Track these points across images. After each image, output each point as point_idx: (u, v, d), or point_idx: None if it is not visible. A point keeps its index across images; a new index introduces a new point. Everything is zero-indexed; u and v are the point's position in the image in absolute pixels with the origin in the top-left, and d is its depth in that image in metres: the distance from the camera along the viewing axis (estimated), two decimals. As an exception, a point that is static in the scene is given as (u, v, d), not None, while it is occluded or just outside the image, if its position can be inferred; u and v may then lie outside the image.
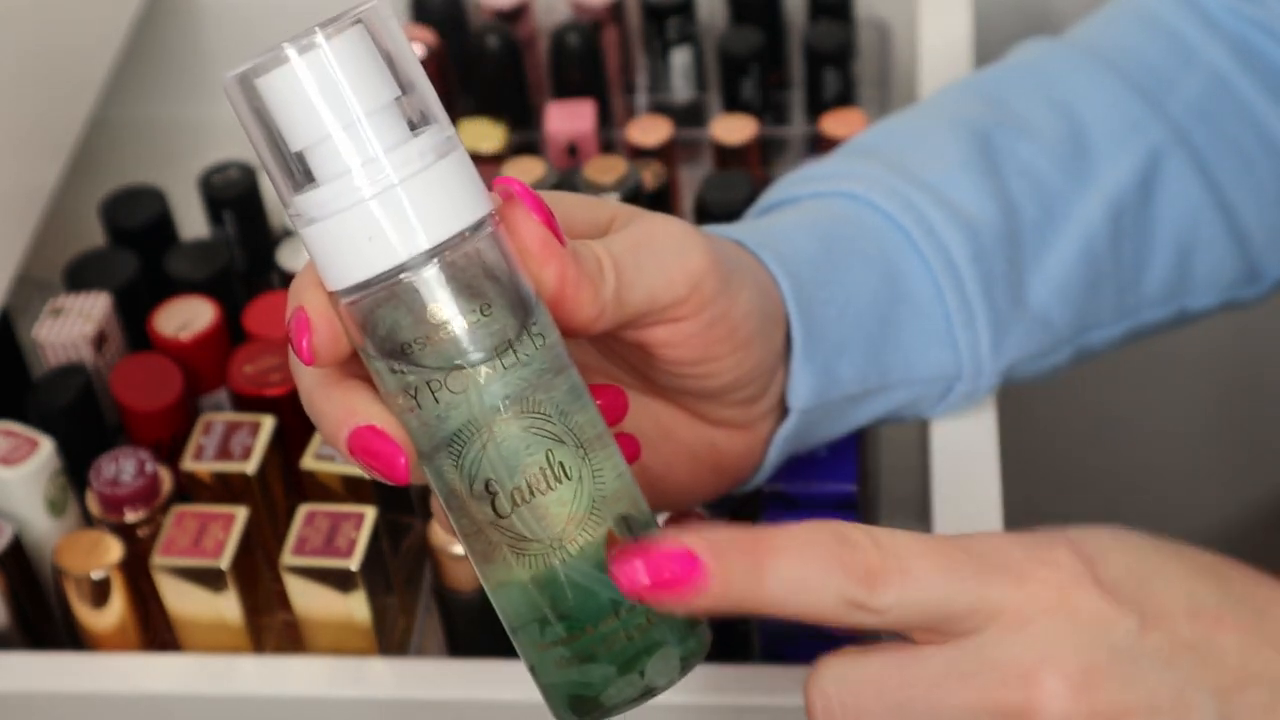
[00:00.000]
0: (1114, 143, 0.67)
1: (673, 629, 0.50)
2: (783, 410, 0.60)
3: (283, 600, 0.69)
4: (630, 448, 0.53)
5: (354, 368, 0.50)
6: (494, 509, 0.48)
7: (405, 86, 0.47)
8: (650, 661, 0.49)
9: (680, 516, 0.66)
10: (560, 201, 0.53)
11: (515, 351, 0.48)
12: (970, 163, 0.64)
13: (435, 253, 0.46)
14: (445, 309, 0.47)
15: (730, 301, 0.54)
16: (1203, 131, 0.68)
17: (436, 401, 0.48)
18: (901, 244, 0.62)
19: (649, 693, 0.50)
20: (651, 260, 0.52)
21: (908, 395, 0.63)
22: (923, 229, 0.62)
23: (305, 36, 0.45)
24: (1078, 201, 0.66)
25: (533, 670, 0.51)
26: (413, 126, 0.47)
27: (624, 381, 0.58)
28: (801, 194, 0.64)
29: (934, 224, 0.62)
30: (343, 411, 0.49)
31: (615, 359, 0.57)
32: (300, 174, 0.47)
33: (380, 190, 0.46)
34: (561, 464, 0.48)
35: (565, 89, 0.89)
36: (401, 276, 0.46)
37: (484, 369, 0.47)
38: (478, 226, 0.47)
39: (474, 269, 0.47)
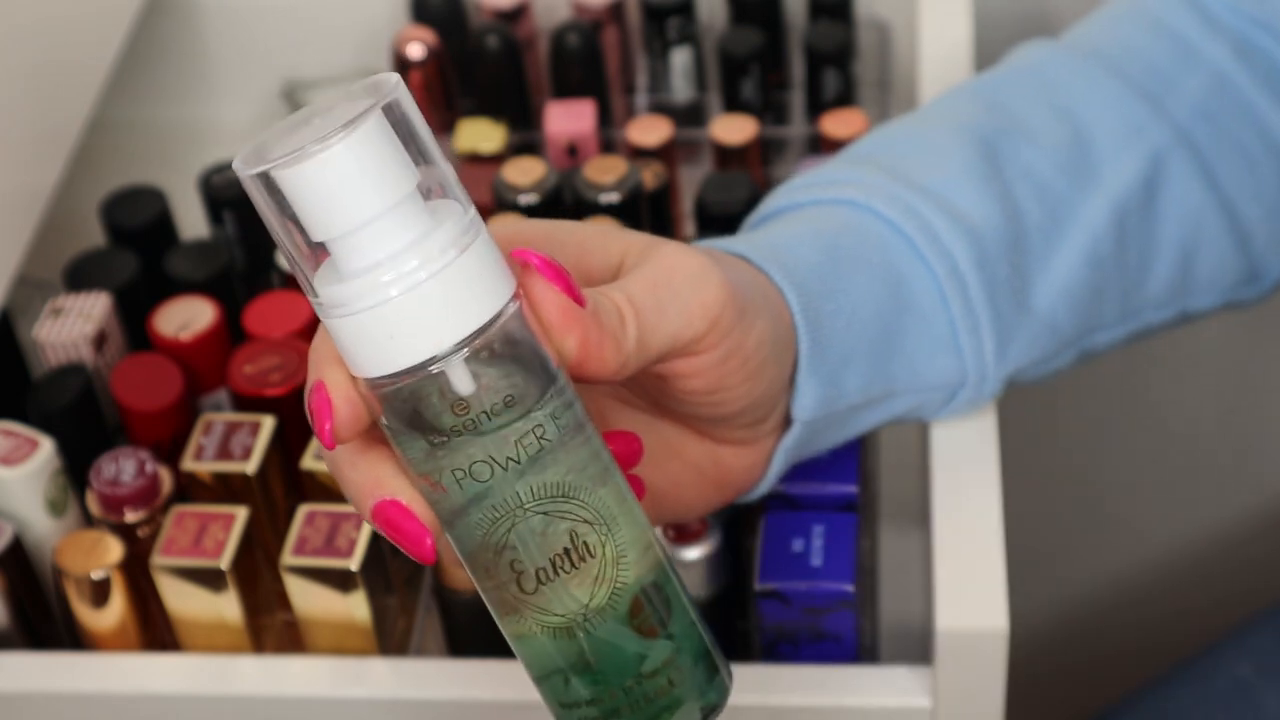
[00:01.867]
0: (1116, 146, 0.67)
1: (694, 684, 0.50)
2: (787, 422, 0.60)
3: (283, 600, 0.69)
4: (636, 487, 0.52)
5: (379, 433, 0.49)
6: (519, 586, 0.49)
7: (423, 161, 0.46)
8: (673, 718, 0.50)
9: (682, 524, 0.67)
10: (573, 237, 0.53)
11: (540, 433, 0.48)
12: (973, 168, 0.64)
13: (464, 343, 0.46)
14: (472, 395, 0.47)
15: (745, 333, 0.54)
16: (1205, 132, 0.68)
17: (460, 485, 0.48)
18: (905, 251, 0.62)
19: None
20: (671, 300, 0.52)
21: (912, 402, 0.63)
22: (926, 236, 0.62)
23: (327, 131, 0.44)
24: (1082, 205, 0.66)
25: (556, 718, 0.51)
26: (429, 195, 0.47)
27: (632, 402, 0.58)
28: (802, 201, 0.64)
29: (938, 230, 0.62)
30: (369, 482, 0.49)
31: (626, 382, 0.57)
32: (324, 263, 0.47)
33: (409, 287, 0.45)
34: (585, 543, 0.49)
35: (565, 89, 0.89)
36: (430, 367, 0.46)
37: (513, 451, 0.47)
38: (504, 308, 0.47)
39: (500, 350, 0.47)
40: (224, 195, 0.82)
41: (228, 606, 0.67)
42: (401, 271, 0.45)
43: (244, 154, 0.46)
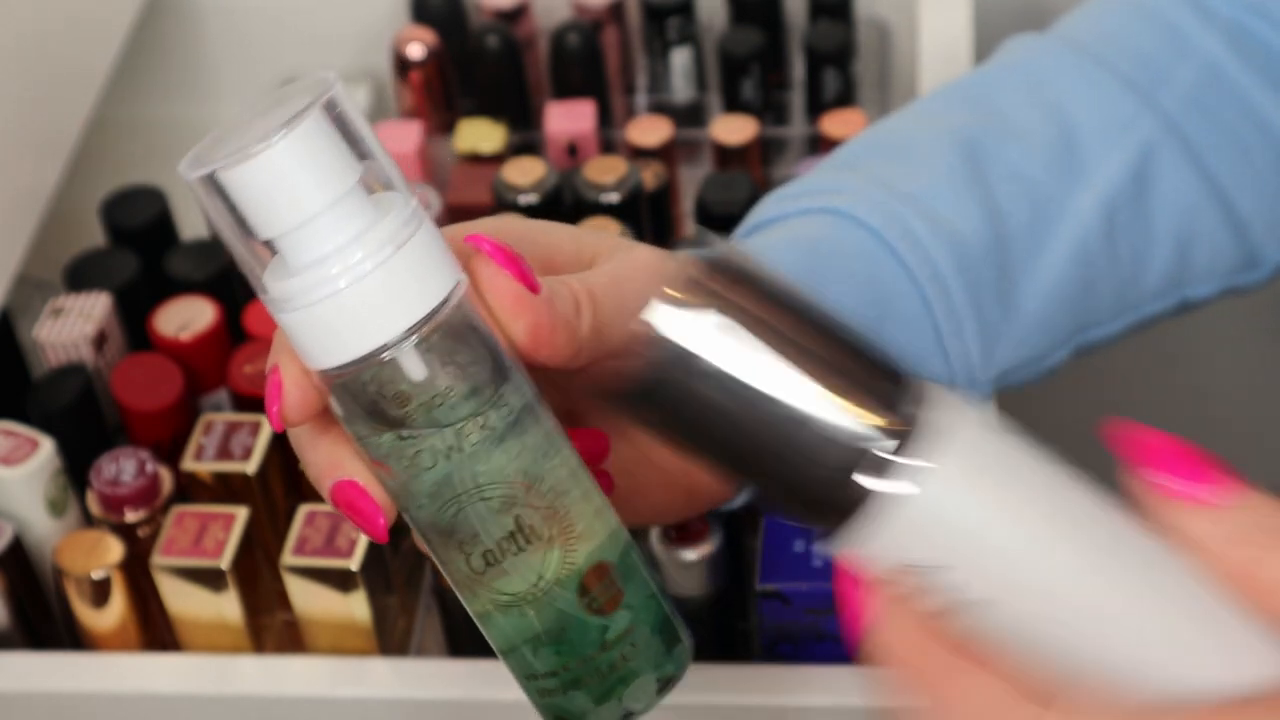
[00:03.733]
0: (1104, 140, 0.67)
1: (650, 657, 0.51)
2: None
3: (283, 600, 0.69)
4: (604, 483, 0.53)
5: None
6: (469, 566, 0.50)
7: (364, 156, 0.47)
8: (628, 690, 0.51)
9: (683, 525, 0.67)
10: (545, 236, 0.53)
11: (488, 419, 0.48)
12: (955, 173, 0.64)
13: (412, 330, 0.47)
14: (421, 382, 0.47)
15: None
16: (1196, 122, 0.68)
17: (408, 471, 0.49)
18: (887, 259, 0.62)
19: (628, 716, 0.51)
20: (635, 295, 0.52)
21: None
22: (908, 242, 0.62)
23: (268, 131, 0.45)
24: (1069, 202, 0.65)
25: (522, 689, 0.53)
26: (373, 191, 0.48)
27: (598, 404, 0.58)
28: (789, 211, 0.64)
29: (919, 236, 0.62)
30: (327, 463, 0.50)
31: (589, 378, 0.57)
32: (272, 259, 0.47)
33: (355, 279, 0.46)
34: (531, 527, 0.49)
35: (565, 89, 0.89)
36: (378, 357, 0.47)
37: (457, 438, 0.48)
38: (450, 294, 0.48)
39: (448, 337, 0.48)
40: (224, 195, 0.82)
41: (228, 606, 0.67)
42: (346, 264, 0.46)
43: (189, 157, 0.46)
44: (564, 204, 0.78)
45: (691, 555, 0.67)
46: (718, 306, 0.41)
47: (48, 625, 0.71)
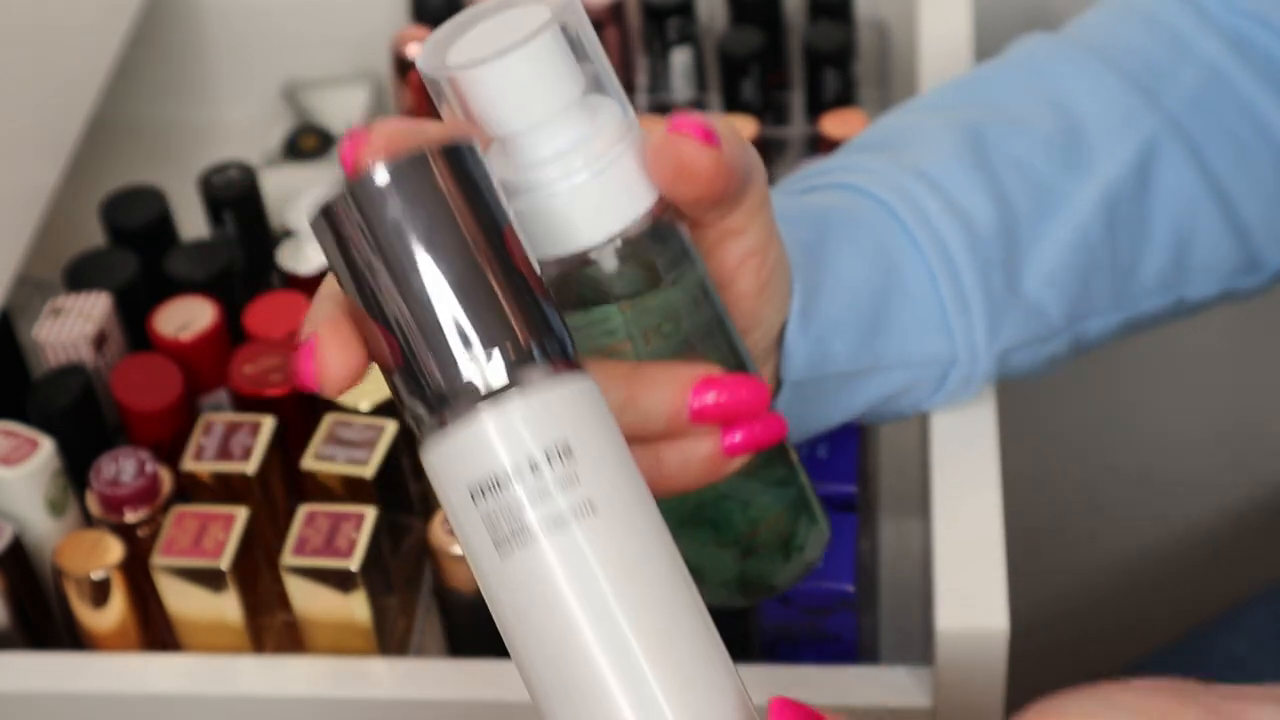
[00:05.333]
0: (1108, 135, 0.67)
1: (816, 506, 0.56)
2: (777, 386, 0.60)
3: (283, 600, 0.69)
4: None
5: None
6: None
7: (590, 63, 0.50)
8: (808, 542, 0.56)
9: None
10: None
11: (676, 313, 0.52)
12: (962, 157, 0.65)
13: (619, 234, 0.50)
14: (616, 275, 0.51)
15: (773, 229, 0.56)
16: (1198, 123, 0.68)
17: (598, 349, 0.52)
18: (897, 233, 0.63)
19: (808, 568, 0.56)
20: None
21: (903, 379, 0.63)
22: (918, 218, 0.63)
23: (509, 44, 0.48)
24: (1072, 192, 0.66)
25: (696, 570, 0.55)
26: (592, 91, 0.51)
27: None
28: (799, 190, 0.65)
29: (929, 213, 0.63)
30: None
31: None
32: (492, 147, 0.50)
33: (576, 184, 0.49)
34: None
35: (565, 89, 0.89)
36: (589, 254, 0.50)
37: (642, 331, 0.52)
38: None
39: (652, 235, 0.51)
40: (224, 195, 0.82)
41: (228, 606, 0.67)
42: (568, 167, 0.49)
43: (424, 51, 0.49)
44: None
45: (691, 555, 0.67)
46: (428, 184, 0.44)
47: (48, 625, 0.71)
